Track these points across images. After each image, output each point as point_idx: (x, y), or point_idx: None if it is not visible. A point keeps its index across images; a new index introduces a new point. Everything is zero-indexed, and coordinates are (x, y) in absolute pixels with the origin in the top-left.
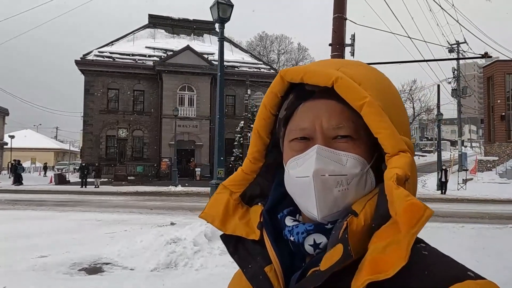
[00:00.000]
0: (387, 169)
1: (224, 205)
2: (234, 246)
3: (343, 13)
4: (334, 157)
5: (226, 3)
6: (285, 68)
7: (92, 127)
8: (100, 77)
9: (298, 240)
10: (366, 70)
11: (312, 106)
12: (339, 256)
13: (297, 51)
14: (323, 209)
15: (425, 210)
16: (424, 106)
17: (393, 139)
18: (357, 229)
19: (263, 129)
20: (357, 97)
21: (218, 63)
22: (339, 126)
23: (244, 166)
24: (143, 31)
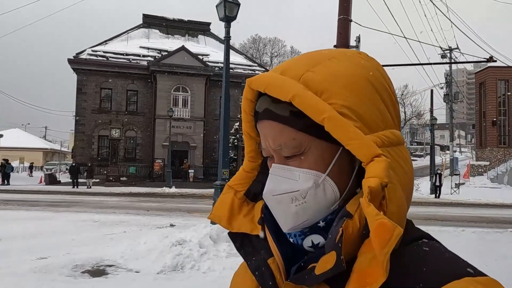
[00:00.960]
0: (364, 179)
1: (229, 205)
2: (241, 241)
3: (348, 15)
4: (287, 174)
5: (233, 2)
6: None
7: (84, 127)
8: (93, 76)
9: (297, 242)
10: (337, 66)
11: (261, 126)
12: (331, 265)
13: (290, 54)
14: (286, 224)
15: (394, 229)
16: (415, 111)
17: (362, 148)
18: (353, 232)
19: (251, 130)
20: (316, 113)
21: (224, 63)
22: (278, 148)
23: (244, 165)
24: (137, 30)
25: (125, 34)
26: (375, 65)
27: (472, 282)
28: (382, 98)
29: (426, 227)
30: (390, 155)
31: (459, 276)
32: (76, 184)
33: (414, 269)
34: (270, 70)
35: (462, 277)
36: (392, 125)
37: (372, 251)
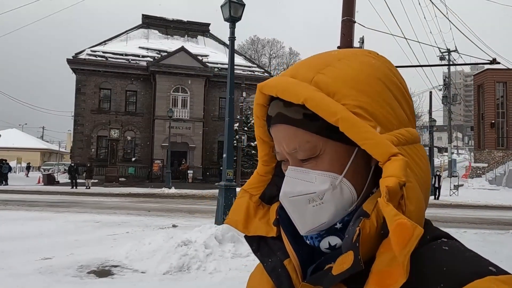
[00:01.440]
0: (382, 178)
1: (245, 208)
2: (257, 244)
3: (352, 16)
4: (304, 176)
5: (237, 2)
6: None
7: (83, 127)
8: (92, 77)
9: (314, 243)
10: (347, 66)
11: (275, 131)
12: (349, 265)
13: (288, 56)
14: (304, 226)
15: (414, 229)
16: None
17: (378, 147)
18: (370, 232)
19: (263, 135)
20: (329, 115)
21: (229, 63)
22: (293, 152)
23: (258, 169)
24: (137, 31)
25: (124, 35)
26: (385, 63)
27: (495, 281)
28: (395, 96)
29: None
30: (407, 154)
31: (482, 275)
32: (75, 185)
33: (434, 269)
34: (279, 74)
35: (484, 276)
36: (407, 123)
37: (392, 251)
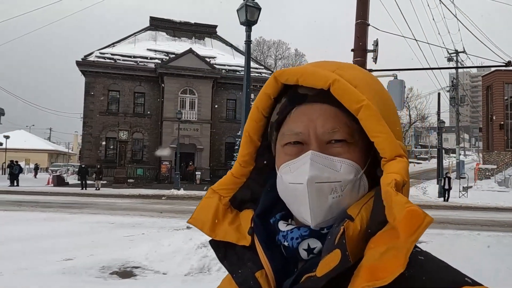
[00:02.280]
0: (384, 174)
1: (214, 210)
2: (224, 251)
3: (366, 19)
4: (328, 163)
5: (254, 6)
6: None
7: (92, 129)
8: (101, 79)
9: (292, 245)
10: (362, 73)
11: (305, 110)
12: (337, 262)
13: (294, 57)
14: (317, 216)
15: (424, 218)
16: (419, 114)
17: (391, 143)
18: (353, 234)
19: (254, 132)
20: (354, 100)
21: (245, 66)
22: (334, 130)
23: (234, 170)
24: (145, 33)
25: (132, 37)
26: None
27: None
28: (396, 112)
29: (441, 230)
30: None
31: (459, 285)
32: (85, 186)
33: (414, 276)
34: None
35: (461, 285)
36: (402, 139)
37: (384, 245)
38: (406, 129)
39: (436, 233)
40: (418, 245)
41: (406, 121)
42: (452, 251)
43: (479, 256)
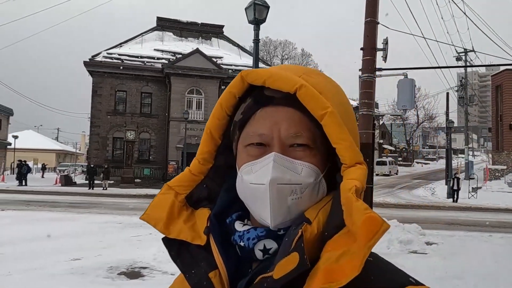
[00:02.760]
0: (344, 180)
1: (169, 207)
2: (177, 250)
3: (375, 17)
4: (290, 165)
5: (262, 4)
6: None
7: (99, 129)
8: (108, 79)
9: (248, 245)
10: (326, 80)
11: (271, 112)
12: (295, 265)
13: (300, 57)
14: (276, 217)
15: (382, 224)
16: (427, 114)
17: (352, 151)
18: (310, 237)
19: (216, 130)
20: (320, 106)
21: (253, 65)
22: (297, 134)
23: (192, 167)
24: (152, 33)
25: (139, 37)
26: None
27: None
28: (355, 121)
29: (451, 232)
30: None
31: (404, 285)
32: (92, 186)
33: (364, 276)
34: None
35: (406, 285)
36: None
37: (341, 249)
38: (414, 129)
39: (447, 234)
40: (430, 246)
41: (414, 121)
42: (465, 253)
43: (493, 257)
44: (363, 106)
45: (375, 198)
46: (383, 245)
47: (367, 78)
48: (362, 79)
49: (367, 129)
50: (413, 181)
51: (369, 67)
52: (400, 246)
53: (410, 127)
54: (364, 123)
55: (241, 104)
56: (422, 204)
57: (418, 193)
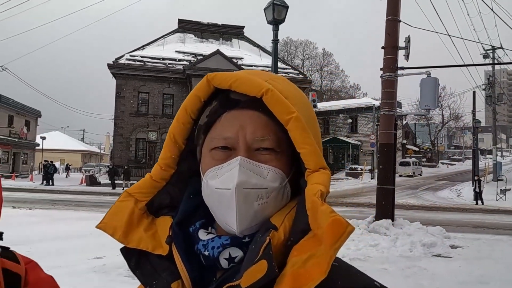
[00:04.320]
0: (309, 185)
1: (128, 214)
2: (137, 260)
3: (397, 15)
4: (255, 169)
5: (281, 5)
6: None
7: (123, 130)
8: (131, 81)
9: (213, 254)
10: (291, 86)
11: (237, 115)
12: (263, 273)
13: (321, 57)
14: (242, 222)
15: (347, 227)
16: (453, 114)
17: (316, 156)
18: (277, 244)
19: (179, 134)
20: (285, 111)
21: (272, 65)
22: (263, 138)
23: (153, 173)
24: (173, 35)
25: (161, 39)
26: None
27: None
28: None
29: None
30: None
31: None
32: (114, 186)
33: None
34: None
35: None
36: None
37: (307, 252)
38: (438, 129)
39: (473, 238)
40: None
41: (439, 121)
42: (492, 257)
43: None
44: (385, 105)
45: (398, 199)
46: (405, 248)
47: (388, 77)
48: (383, 78)
49: (389, 129)
50: (438, 183)
51: (390, 66)
52: (423, 249)
53: (435, 127)
54: (385, 123)
55: (206, 108)
56: (447, 206)
57: (443, 195)
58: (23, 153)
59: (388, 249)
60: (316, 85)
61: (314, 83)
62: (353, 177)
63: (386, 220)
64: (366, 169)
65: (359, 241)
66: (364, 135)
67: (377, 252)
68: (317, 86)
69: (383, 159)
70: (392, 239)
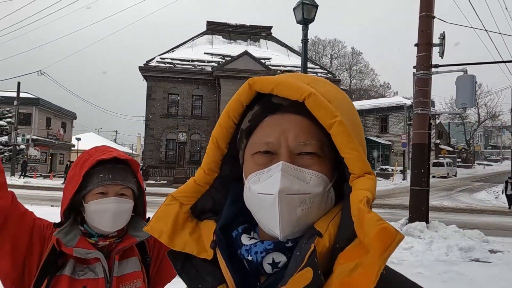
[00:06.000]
0: (354, 190)
1: (173, 218)
2: (182, 264)
3: (431, 11)
4: (298, 174)
5: (311, 4)
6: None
7: (153, 131)
8: (161, 83)
9: (257, 259)
10: (334, 89)
11: (279, 120)
12: (309, 281)
13: (350, 55)
14: (285, 228)
15: (396, 235)
16: (489, 112)
17: (360, 161)
18: (322, 251)
19: (222, 139)
20: (328, 115)
21: (301, 65)
22: (306, 143)
23: (197, 177)
24: (202, 37)
25: (190, 41)
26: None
27: None
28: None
29: None
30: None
31: None
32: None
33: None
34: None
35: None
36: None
37: (354, 261)
38: (474, 128)
39: None
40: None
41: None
42: None
43: None
44: (418, 104)
45: (432, 201)
46: (441, 252)
47: (422, 75)
48: (416, 77)
49: (422, 129)
50: (474, 184)
51: (424, 64)
52: (460, 254)
53: (470, 126)
54: (419, 123)
55: (248, 112)
56: (484, 208)
57: (479, 197)
58: (60, 154)
59: (423, 252)
60: (345, 84)
61: (342, 82)
62: (383, 177)
63: (420, 222)
64: (397, 169)
65: None
66: (395, 134)
67: (411, 256)
68: (346, 85)
69: (416, 159)
70: (427, 242)
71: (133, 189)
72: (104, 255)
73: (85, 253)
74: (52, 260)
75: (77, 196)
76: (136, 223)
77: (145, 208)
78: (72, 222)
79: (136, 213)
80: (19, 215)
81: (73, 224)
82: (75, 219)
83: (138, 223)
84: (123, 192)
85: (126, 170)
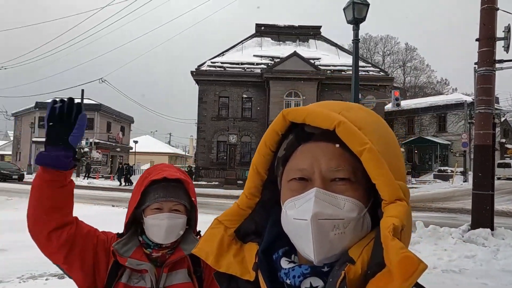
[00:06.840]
0: (384, 217)
1: (219, 241)
2: (227, 284)
3: (494, 3)
4: (332, 200)
5: (361, 3)
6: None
7: (205, 133)
8: (212, 86)
9: (295, 283)
10: (367, 114)
11: (311, 148)
12: None
13: (404, 52)
14: (320, 252)
15: (419, 264)
16: None
17: (390, 186)
18: (354, 277)
19: (261, 165)
20: (358, 142)
21: (353, 66)
22: (338, 169)
23: (239, 201)
24: (251, 40)
25: (240, 45)
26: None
27: None
28: (400, 152)
29: None
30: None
31: None
32: None
33: None
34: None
35: None
36: (404, 179)
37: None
38: None
39: None
40: None
41: None
42: None
43: None
44: (480, 103)
45: (497, 205)
46: (508, 261)
47: (485, 72)
48: (478, 74)
49: (486, 129)
50: None
51: (487, 60)
52: None
53: None
54: (482, 122)
55: (284, 141)
56: None
57: None
58: (119, 156)
59: (487, 262)
60: (399, 82)
61: (396, 80)
62: (442, 179)
63: (484, 229)
64: (457, 171)
65: (453, 251)
66: (454, 134)
67: (474, 265)
68: (400, 83)
69: (479, 162)
70: (492, 251)
71: (186, 205)
72: (157, 265)
73: (136, 264)
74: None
75: (138, 209)
76: (187, 237)
77: (196, 222)
78: (131, 234)
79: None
80: (84, 236)
81: (133, 235)
82: (135, 230)
83: (189, 237)
84: (176, 208)
85: (179, 188)
